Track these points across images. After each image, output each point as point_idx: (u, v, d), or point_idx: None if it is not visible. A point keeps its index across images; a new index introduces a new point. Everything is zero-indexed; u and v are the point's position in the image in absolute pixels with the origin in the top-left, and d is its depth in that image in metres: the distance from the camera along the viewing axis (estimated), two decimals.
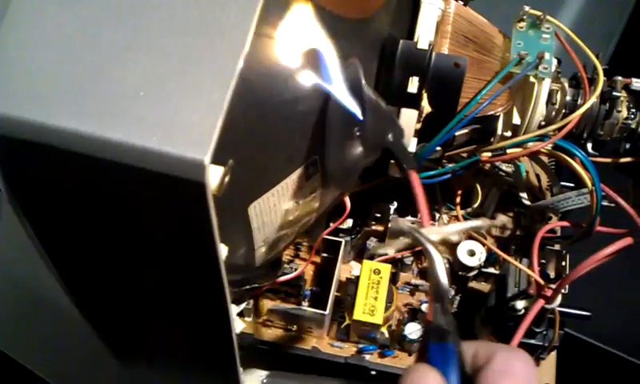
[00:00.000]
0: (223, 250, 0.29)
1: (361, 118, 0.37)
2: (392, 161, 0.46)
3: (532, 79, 0.45)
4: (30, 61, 0.26)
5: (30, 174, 0.27)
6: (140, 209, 0.28)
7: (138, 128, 0.25)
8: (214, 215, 0.27)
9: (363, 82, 0.37)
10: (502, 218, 0.58)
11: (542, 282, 0.43)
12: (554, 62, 0.46)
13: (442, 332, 0.31)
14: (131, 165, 0.25)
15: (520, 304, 0.47)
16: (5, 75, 0.26)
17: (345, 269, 0.56)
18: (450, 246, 0.56)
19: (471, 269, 0.53)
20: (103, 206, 0.29)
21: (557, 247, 0.54)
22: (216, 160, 0.25)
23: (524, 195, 0.56)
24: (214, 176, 0.26)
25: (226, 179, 0.26)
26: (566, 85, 0.47)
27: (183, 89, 0.26)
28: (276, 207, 0.40)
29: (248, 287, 0.47)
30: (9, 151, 0.26)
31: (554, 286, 0.43)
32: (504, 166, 0.56)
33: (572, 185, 0.53)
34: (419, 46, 0.42)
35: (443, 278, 0.34)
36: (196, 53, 0.26)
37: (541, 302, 0.44)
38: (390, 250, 0.50)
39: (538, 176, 0.58)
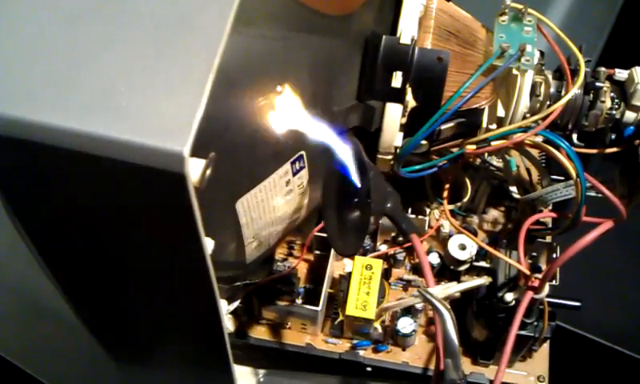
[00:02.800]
0: (209, 244, 0.30)
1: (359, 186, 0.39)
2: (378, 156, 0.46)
3: (515, 72, 0.45)
4: (9, 57, 0.26)
5: (14, 172, 0.28)
6: (125, 203, 0.29)
7: (119, 122, 0.25)
8: (196, 208, 0.27)
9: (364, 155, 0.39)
10: (494, 212, 0.59)
11: (527, 272, 0.44)
12: (537, 54, 0.46)
13: None
14: (113, 158, 0.25)
15: (509, 296, 0.47)
16: None
17: (338, 266, 0.56)
18: (442, 240, 0.56)
19: (462, 262, 0.53)
20: (89, 201, 0.29)
21: (548, 239, 0.55)
22: (199, 154, 0.26)
23: (514, 189, 0.56)
24: (195, 168, 0.26)
25: (208, 172, 0.27)
26: (550, 77, 0.47)
27: (162, 82, 0.26)
28: (264, 203, 0.40)
29: (240, 284, 0.47)
30: None
31: (539, 276, 0.43)
32: (494, 161, 0.56)
33: (562, 178, 0.53)
34: (402, 41, 0.42)
35: (453, 334, 0.35)
36: (175, 47, 0.27)
37: (529, 294, 0.44)
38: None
39: (528, 170, 0.58)
